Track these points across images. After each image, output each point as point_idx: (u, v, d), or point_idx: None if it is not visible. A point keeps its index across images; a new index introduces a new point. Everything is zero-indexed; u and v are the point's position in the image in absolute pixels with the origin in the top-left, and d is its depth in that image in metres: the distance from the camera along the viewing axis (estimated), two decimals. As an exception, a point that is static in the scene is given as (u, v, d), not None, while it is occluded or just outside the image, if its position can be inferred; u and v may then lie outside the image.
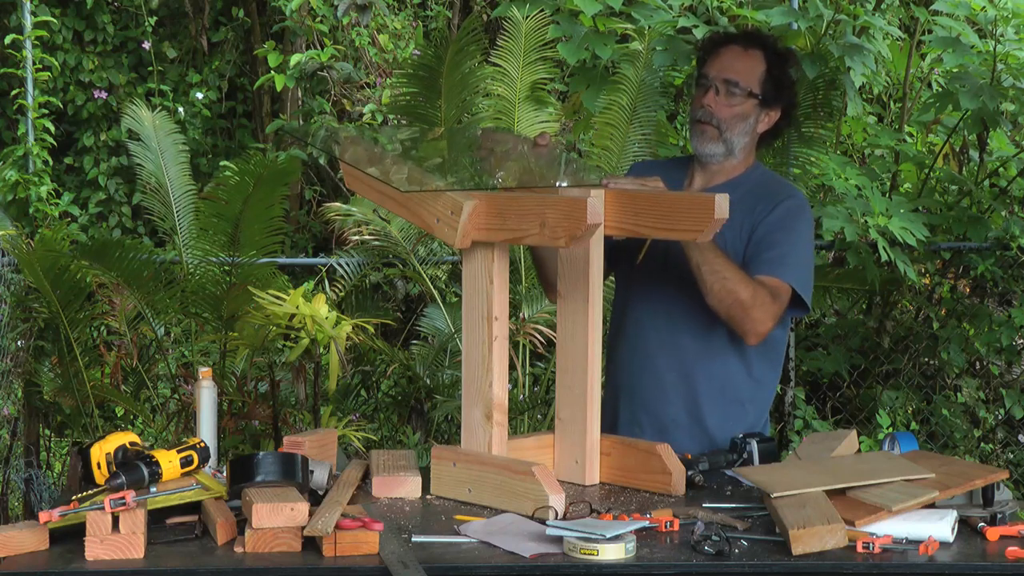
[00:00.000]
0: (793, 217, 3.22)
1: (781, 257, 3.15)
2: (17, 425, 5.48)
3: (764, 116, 3.28)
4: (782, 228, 3.19)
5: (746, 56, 3.26)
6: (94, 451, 2.62)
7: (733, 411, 3.27)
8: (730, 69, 3.24)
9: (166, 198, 5.80)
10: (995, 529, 2.55)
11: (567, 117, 6.26)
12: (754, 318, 3.08)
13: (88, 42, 8.18)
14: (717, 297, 3.06)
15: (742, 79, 3.23)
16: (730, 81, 3.23)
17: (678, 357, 3.26)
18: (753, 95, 3.23)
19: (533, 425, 5.58)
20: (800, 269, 3.19)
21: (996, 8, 5.18)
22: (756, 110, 3.25)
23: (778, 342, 3.31)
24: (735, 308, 3.07)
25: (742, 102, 3.23)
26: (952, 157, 6.57)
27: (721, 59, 3.26)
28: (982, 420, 6.20)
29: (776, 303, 3.11)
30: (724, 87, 3.23)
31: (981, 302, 6.20)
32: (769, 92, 3.25)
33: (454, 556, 2.44)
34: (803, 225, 3.25)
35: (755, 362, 3.27)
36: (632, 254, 3.29)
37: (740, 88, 3.22)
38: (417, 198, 2.85)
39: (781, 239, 3.17)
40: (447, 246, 5.14)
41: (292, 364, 5.08)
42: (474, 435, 2.86)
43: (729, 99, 3.23)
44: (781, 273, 3.14)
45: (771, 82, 3.25)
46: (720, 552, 2.42)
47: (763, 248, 3.17)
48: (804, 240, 3.24)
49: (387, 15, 8.05)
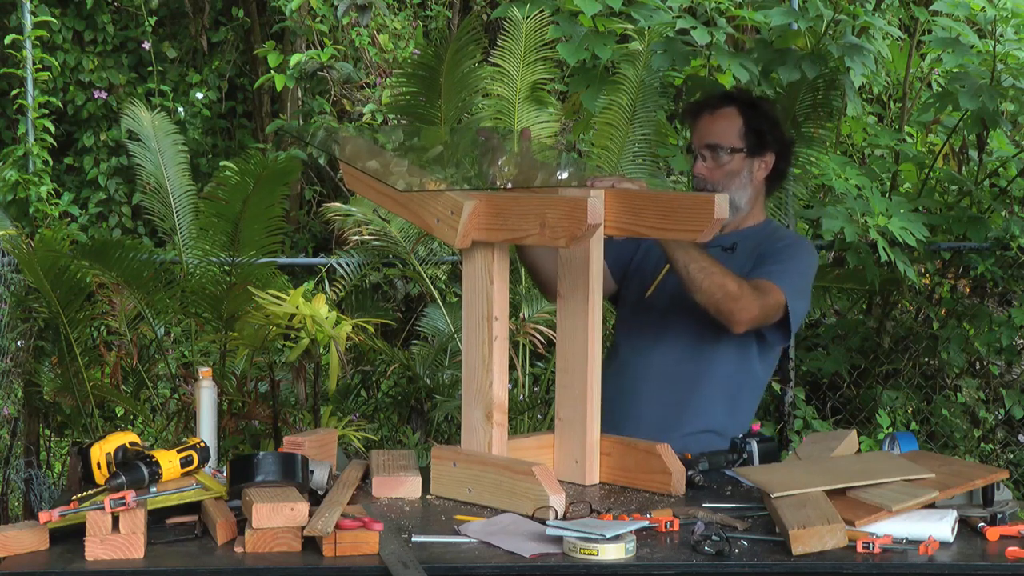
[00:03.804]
0: (797, 249, 3.39)
1: (780, 271, 3.28)
2: (17, 425, 5.48)
3: (758, 164, 3.42)
4: (785, 253, 3.34)
5: (719, 118, 3.42)
6: (94, 451, 2.62)
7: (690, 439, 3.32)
8: (708, 135, 3.41)
9: (166, 198, 5.80)
10: (995, 529, 2.55)
11: (567, 117, 6.26)
12: (741, 307, 3.18)
13: (88, 42, 8.18)
14: (707, 292, 3.15)
15: (722, 140, 3.38)
16: (711, 145, 3.39)
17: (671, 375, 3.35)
18: (737, 150, 3.38)
19: (533, 425, 5.58)
20: (795, 287, 3.29)
21: (996, 8, 5.17)
22: (746, 162, 3.40)
23: (761, 377, 3.43)
24: (724, 300, 3.16)
25: (729, 160, 3.38)
26: (952, 157, 6.57)
27: (699, 129, 3.44)
28: (982, 420, 6.20)
29: (762, 297, 3.20)
30: (709, 153, 3.40)
31: (981, 302, 6.20)
32: (752, 142, 3.39)
33: (454, 556, 2.44)
34: (806, 258, 3.40)
35: (741, 395, 3.38)
36: (636, 287, 3.42)
37: (722, 148, 3.38)
38: (417, 198, 2.85)
39: (783, 258, 3.32)
40: (447, 246, 5.14)
41: (292, 364, 5.08)
42: (474, 435, 2.86)
43: (716, 162, 3.39)
44: (777, 281, 3.25)
45: (752, 132, 3.39)
46: (720, 552, 2.42)
47: (763, 264, 3.30)
48: (804, 269, 3.38)
49: (387, 15, 8.05)
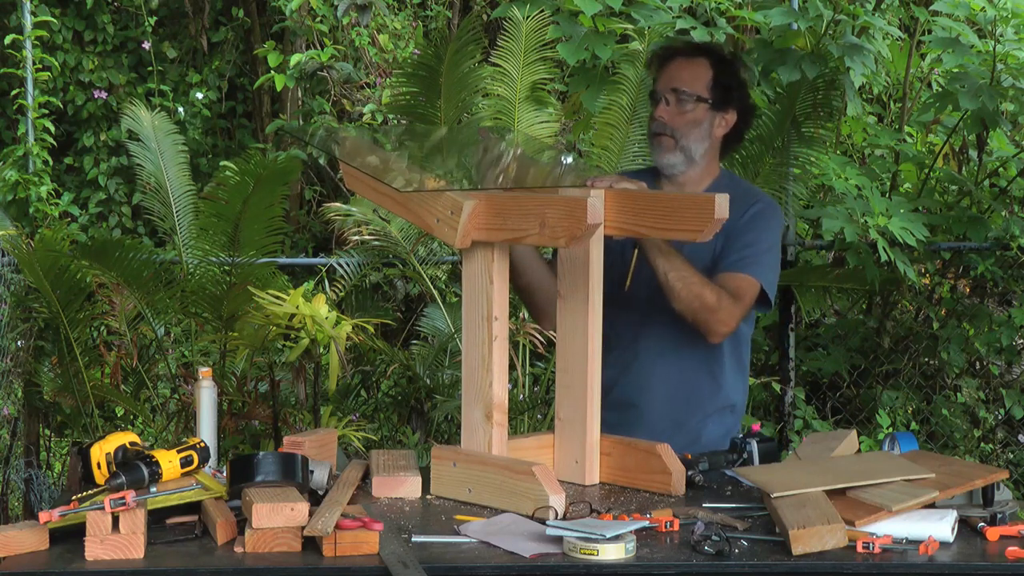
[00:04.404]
0: (764, 218, 3.34)
1: (753, 256, 3.27)
2: (17, 425, 5.48)
3: (719, 120, 3.37)
4: (753, 229, 3.30)
5: (691, 65, 3.37)
6: (94, 451, 2.62)
7: (714, 418, 3.37)
8: (676, 79, 3.35)
9: (166, 198, 5.80)
10: (995, 529, 2.55)
11: (567, 117, 6.25)
12: (719, 319, 3.19)
13: (88, 42, 8.18)
14: (685, 302, 3.16)
15: (689, 86, 3.33)
16: (678, 90, 3.33)
17: (659, 375, 3.34)
18: (702, 100, 3.33)
19: (533, 425, 5.58)
20: (768, 269, 3.30)
21: (996, 8, 5.17)
22: (709, 115, 3.34)
23: (744, 337, 3.43)
24: (702, 311, 3.17)
25: (693, 108, 3.33)
26: (952, 157, 6.57)
27: (667, 72, 3.38)
28: (982, 420, 6.20)
29: (739, 304, 3.22)
30: (674, 96, 3.34)
31: (981, 302, 6.20)
32: (719, 95, 3.34)
33: (454, 556, 2.44)
34: (773, 227, 3.37)
35: (727, 371, 3.38)
36: (612, 281, 3.36)
37: (688, 95, 3.32)
38: (417, 198, 2.85)
39: (752, 240, 3.29)
40: (447, 246, 5.14)
41: (292, 364, 5.08)
42: (474, 435, 2.86)
43: (680, 107, 3.33)
44: (752, 271, 3.25)
45: (719, 86, 3.35)
46: (720, 552, 2.42)
47: (734, 248, 3.27)
48: (773, 241, 3.37)
49: (387, 15, 8.04)
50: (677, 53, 3.41)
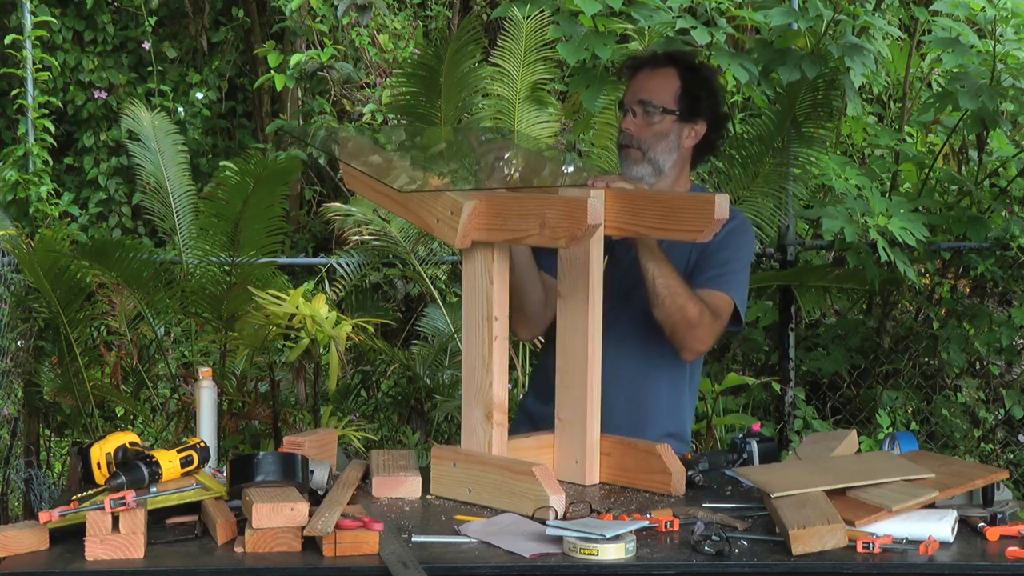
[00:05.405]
0: (737, 236, 3.31)
1: (731, 274, 3.26)
2: (17, 425, 5.48)
3: (688, 131, 3.32)
4: (729, 246, 3.27)
5: (658, 75, 3.33)
6: (94, 451, 2.62)
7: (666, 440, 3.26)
8: (643, 91, 3.31)
9: (166, 198, 5.80)
10: (995, 529, 2.55)
11: (567, 117, 6.25)
12: (696, 336, 3.17)
13: (88, 42, 8.18)
14: (667, 311, 3.13)
15: (655, 98, 3.29)
16: (644, 101, 3.30)
17: (618, 376, 3.26)
18: (669, 111, 3.29)
19: (533, 425, 5.57)
20: (742, 288, 3.30)
21: (996, 8, 5.18)
22: (676, 126, 3.30)
23: (699, 367, 3.42)
24: (681, 324, 3.14)
25: (660, 120, 3.29)
26: (952, 157, 6.57)
27: (635, 83, 3.35)
28: (982, 420, 6.20)
29: (717, 323, 3.21)
30: (640, 108, 3.30)
31: (981, 302, 6.20)
32: (687, 106, 3.30)
33: (454, 556, 2.44)
34: (747, 245, 3.36)
35: (685, 394, 3.36)
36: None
37: (654, 106, 3.28)
38: (417, 198, 2.85)
39: (729, 257, 3.27)
40: (447, 246, 5.14)
41: (292, 364, 5.08)
42: (474, 435, 2.86)
43: (647, 119, 3.29)
44: (728, 289, 3.23)
45: (688, 96, 3.30)
46: (720, 552, 2.42)
47: (712, 264, 3.26)
48: (747, 260, 3.37)
49: (387, 15, 8.04)
50: (644, 64, 3.38)
